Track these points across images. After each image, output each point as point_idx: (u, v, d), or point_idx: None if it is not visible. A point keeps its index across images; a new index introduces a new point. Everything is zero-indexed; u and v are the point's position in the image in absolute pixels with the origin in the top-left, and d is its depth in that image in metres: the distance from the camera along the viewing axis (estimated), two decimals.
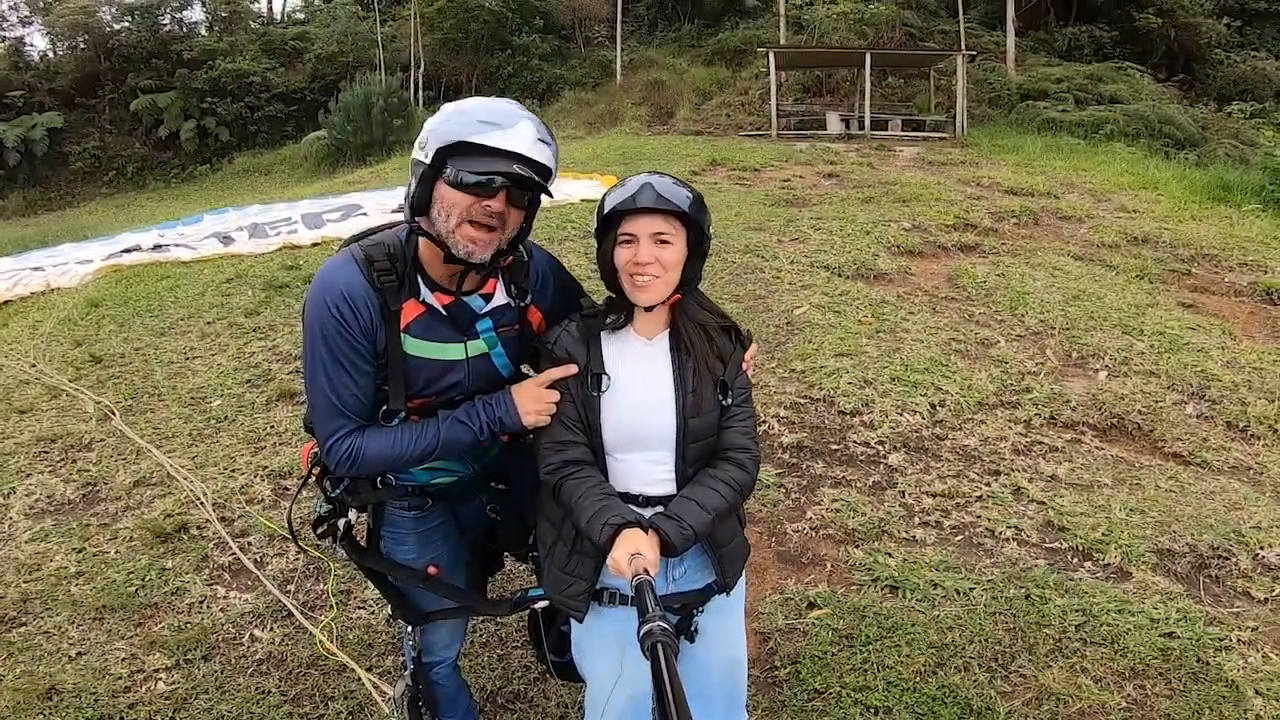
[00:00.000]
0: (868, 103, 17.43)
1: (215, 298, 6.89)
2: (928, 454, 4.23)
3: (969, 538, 3.57)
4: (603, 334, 1.82)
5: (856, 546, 3.48)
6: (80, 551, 3.51)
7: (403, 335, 1.76)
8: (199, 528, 3.66)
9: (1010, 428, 4.49)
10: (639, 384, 1.79)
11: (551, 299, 1.95)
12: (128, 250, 8.84)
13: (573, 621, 1.88)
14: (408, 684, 2.18)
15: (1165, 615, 3.01)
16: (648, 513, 1.74)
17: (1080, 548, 3.47)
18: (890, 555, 3.40)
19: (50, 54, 27.43)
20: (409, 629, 2.10)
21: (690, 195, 1.74)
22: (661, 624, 1.41)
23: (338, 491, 1.95)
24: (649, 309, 1.78)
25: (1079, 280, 7.02)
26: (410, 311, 1.77)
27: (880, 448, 4.26)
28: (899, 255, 7.62)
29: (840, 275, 6.96)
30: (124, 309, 6.79)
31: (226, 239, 9.04)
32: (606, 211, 1.74)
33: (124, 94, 25.32)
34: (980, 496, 3.87)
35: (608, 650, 1.82)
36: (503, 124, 1.65)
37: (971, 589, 3.16)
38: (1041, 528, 3.63)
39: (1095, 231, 8.60)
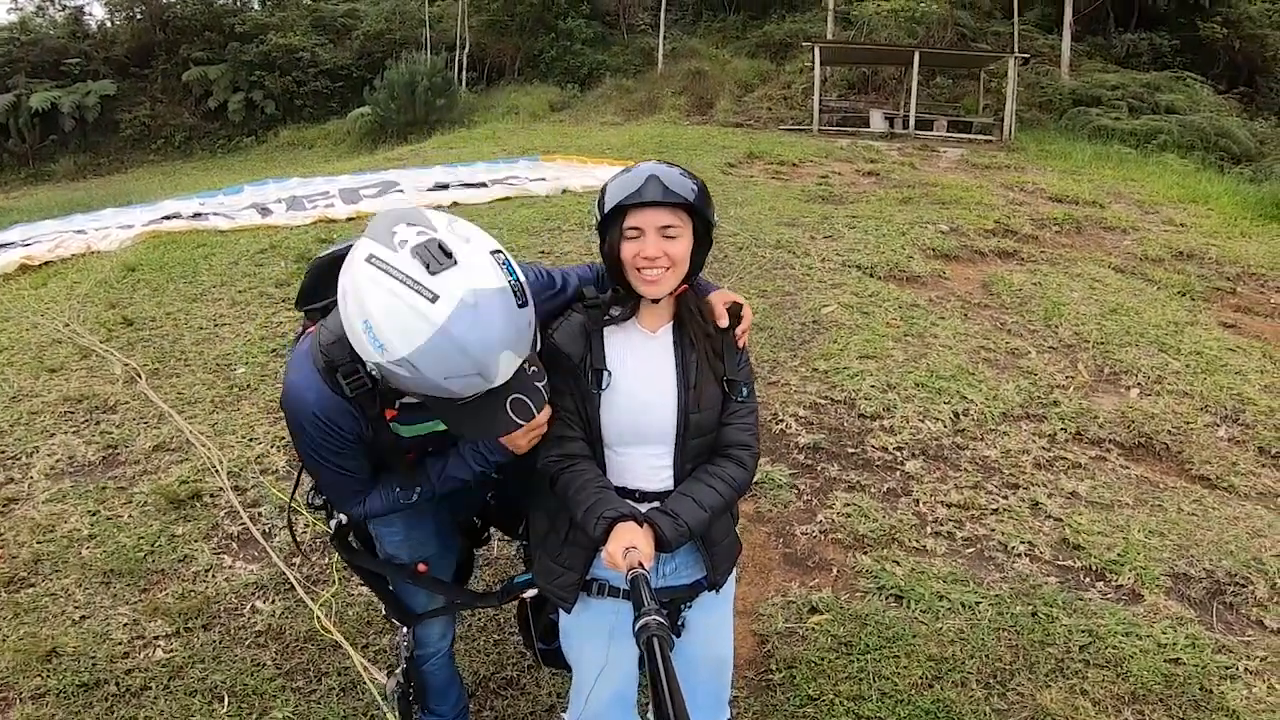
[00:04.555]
0: (913, 102, 17.10)
1: (248, 267, 6.97)
2: (946, 463, 4.15)
3: (981, 551, 3.50)
4: (605, 326, 1.79)
5: (865, 553, 3.43)
6: (95, 515, 3.57)
7: (392, 424, 1.76)
8: (212, 495, 3.71)
9: (1034, 441, 4.39)
10: (641, 379, 1.76)
11: None
12: (168, 217, 9.00)
13: (560, 610, 1.87)
14: (399, 681, 2.20)
15: (1173, 640, 2.93)
16: (644, 508, 1.72)
17: (1094, 567, 3.39)
18: (898, 564, 3.34)
19: (108, 23, 27.87)
20: (403, 629, 2.13)
21: (696, 186, 1.70)
22: (657, 618, 1.41)
23: None
24: (656, 301, 1.75)
25: (1118, 294, 6.84)
26: (391, 410, 1.75)
27: (898, 454, 4.19)
28: (934, 258, 7.48)
29: (872, 276, 6.85)
30: (159, 274, 6.90)
31: (264, 210, 9.16)
32: (611, 206, 1.69)
33: (176, 65, 25.66)
34: (996, 509, 3.79)
35: (595, 641, 1.82)
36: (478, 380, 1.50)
37: (978, 603, 3.10)
38: (1056, 545, 3.54)
39: (1139, 244, 8.39)
